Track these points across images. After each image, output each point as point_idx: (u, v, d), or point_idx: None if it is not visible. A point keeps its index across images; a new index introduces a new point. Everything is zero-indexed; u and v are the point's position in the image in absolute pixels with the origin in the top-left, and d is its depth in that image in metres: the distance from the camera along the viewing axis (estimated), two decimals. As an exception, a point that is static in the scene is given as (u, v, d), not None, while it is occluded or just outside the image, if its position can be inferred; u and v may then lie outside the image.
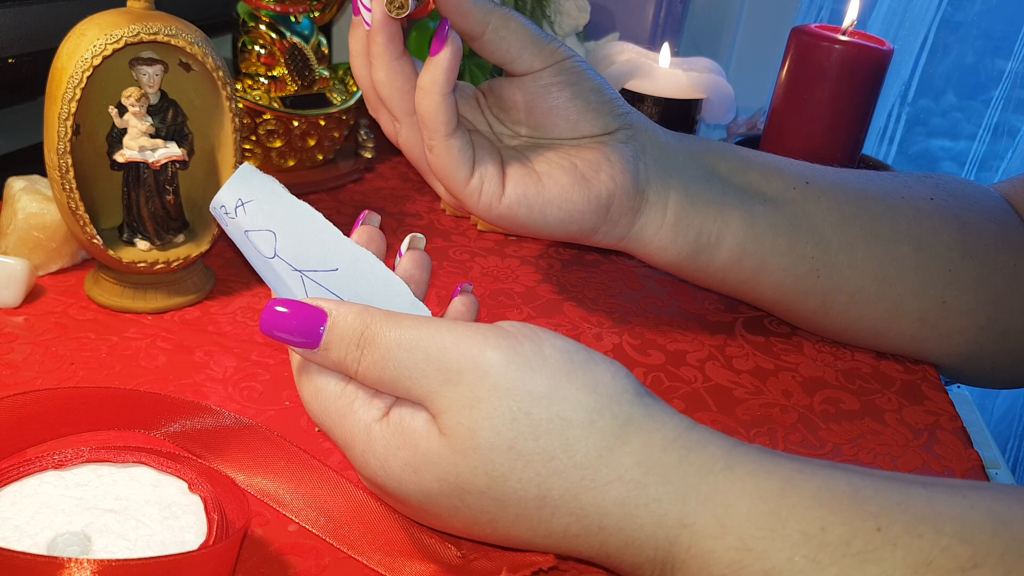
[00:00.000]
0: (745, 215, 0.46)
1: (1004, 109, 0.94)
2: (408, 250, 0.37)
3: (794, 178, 0.48)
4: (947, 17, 0.93)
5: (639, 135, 0.46)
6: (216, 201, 0.34)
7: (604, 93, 0.45)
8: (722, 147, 0.49)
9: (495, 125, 0.46)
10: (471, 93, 0.47)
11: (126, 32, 0.43)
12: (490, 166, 0.42)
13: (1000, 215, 0.51)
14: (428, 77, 0.40)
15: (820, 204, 0.48)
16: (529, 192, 0.43)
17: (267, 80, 0.64)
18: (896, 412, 0.47)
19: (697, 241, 0.46)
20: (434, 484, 0.30)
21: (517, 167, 0.43)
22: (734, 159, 0.48)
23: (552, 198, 0.43)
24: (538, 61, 0.43)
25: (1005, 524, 0.28)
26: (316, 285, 0.34)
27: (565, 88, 0.44)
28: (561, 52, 0.44)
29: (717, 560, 0.29)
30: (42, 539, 0.30)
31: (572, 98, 0.44)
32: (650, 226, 0.45)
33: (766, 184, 0.48)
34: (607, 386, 0.31)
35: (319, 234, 0.34)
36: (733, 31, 0.96)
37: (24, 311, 0.47)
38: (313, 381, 0.33)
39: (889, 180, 0.51)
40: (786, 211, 0.47)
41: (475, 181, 0.42)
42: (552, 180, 0.43)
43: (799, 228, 0.47)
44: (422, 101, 0.40)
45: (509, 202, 0.43)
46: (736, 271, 0.47)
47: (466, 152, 0.42)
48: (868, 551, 0.27)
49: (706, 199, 0.46)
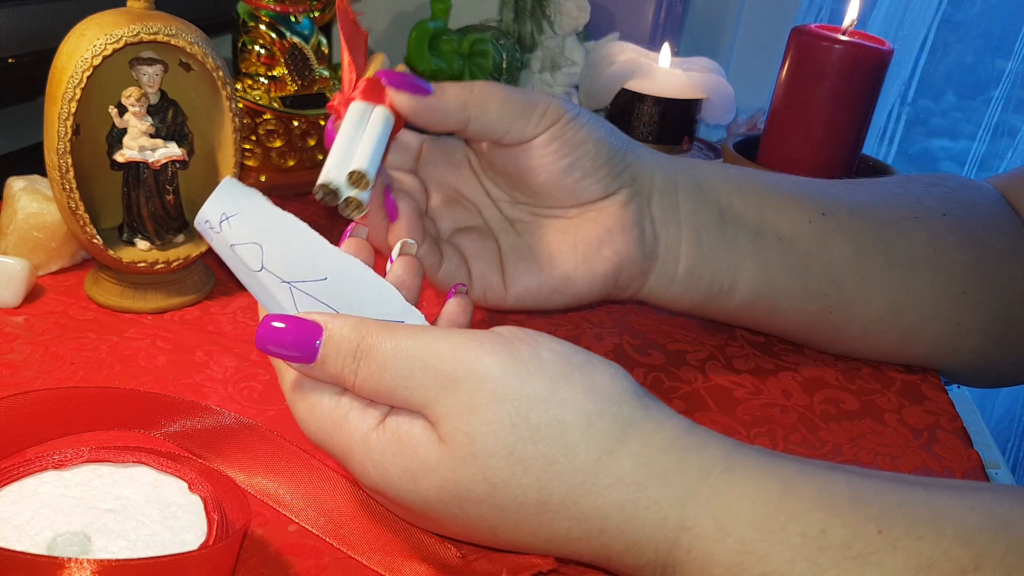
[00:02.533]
0: (758, 261, 0.45)
1: (1004, 109, 0.94)
2: (399, 256, 0.37)
3: (810, 210, 0.46)
4: (947, 17, 0.93)
5: (643, 187, 0.43)
6: (200, 216, 0.34)
7: (602, 155, 0.42)
8: (738, 178, 0.47)
9: (492, 190, 0.45)
10: (463, 157, 0.45)
11: (126, 32, 0.43)
12: (488, 276, 0.43)
13: (1007, 224, 0.50)
14: (398, 239, 0.39)
15: (836, 238, 0.46)
16: (531, 286, 0.43)
17: (267, 80, 0.64)
18: (896, 412, 0.47)
19: (710, 290, 0.45)
20: (432, 491, 0.30)
21: (516, 262, 0.43)
22: (750, 193, 0.46)
23: (556, 287, 0.43)
24: (528, 130, 0.41)
25: (1006, 526, 0.28)
26: (305, 296, 0.34)
27: (559, 158, 0.41)
28: (552, 112, 0.41)
29: (717, 563, 0.29)
30: (42, 539, 0.30)
31: (568, 169, 0.42)
32: (661, 283, 0.45)
33: (782, 219, 0.46)
34: (605, 388, 0.30)
35: (306, 245, 0.34)
36: (733, 31, 0.96)
37: (24, 311, 0.47)
38: (307, 399, 0.32)
39: (901, 195, 0.50)
40: (801, 248, 0.46)
41: (476, 292, 0.43)
42: (554, 269, 0.43)
43: (813, 266, 0.46)
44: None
45: (514, 300, 0.43)
46: (750, 312, 0.47)
47: (458, 276, 0.43)
48: (869, 553, 0.27)
49: (718, 248, 0.44)
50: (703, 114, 0.74)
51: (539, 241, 0.44)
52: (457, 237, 0.44)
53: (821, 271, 0.46)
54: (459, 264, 0.43)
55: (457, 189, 0.45)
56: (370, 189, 0.37)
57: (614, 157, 0.42)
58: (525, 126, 0.41)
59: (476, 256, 0.43)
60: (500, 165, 0.43)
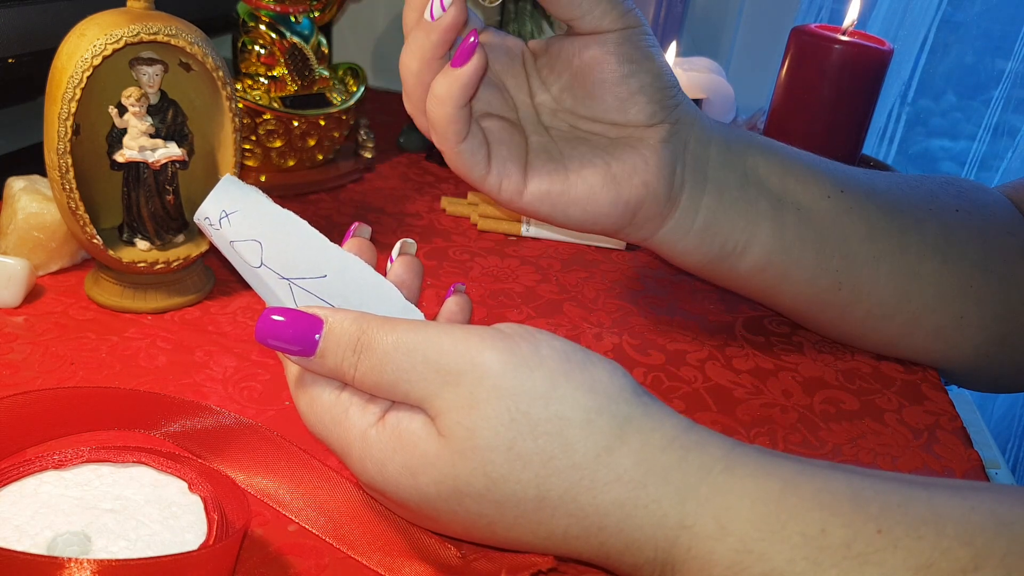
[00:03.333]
0: (775, 226, 0.45)
1: (1004, 109, 0.94)
2: (399, 255, 0.37)
3: (830, 185, 0.47)
4: (947, 17, 0.93)
5: (683, 130, 0.43)
6: (200, 213, 0.34)
7: (662, 79, 0.42)
8: (766, 145, 0.47)
9: (538, 93, 0.44)
10: (518, 52, 0.44)
11: (126, 32, 0.43)
12: (509, 164, 0.41)
13: (1017, 227, 0.51)
14: (444, 88, 0.38)
15: (852, 215, 0.47)
16: (554, 190, 0.42)
17: (267, 80, 0.64)
18: (896, 412, 0.47)
19: (723, 249, 0.45)
20: (431, 487, 0.30)
21: (544, 161, 0.42)
22: (775, 161, 0.46)
23: (578, 197, 0.42)
24: (607, 20, 0.40)
25: (1006, 526, 0.28)
26: (305, 292, 0.34)
27: (624, 63, 0.41)
28: (633, 17, 0.41)
29: (717, 562, 0.29)
30: (42, 539, 0.30)
31: (627, 76, 0.41)
32: (677, 231, 0.44)
33: (802, 191, 0.46)
34: (605, 385, 0.31)
35: (305, 242, 0.34)
36: (733, 31, 0.96)
37: (24, 311, 0.47)
38: (308, 392, 0.32)
39: (916, 188, 0.50)
40: (817, 221, 0.46)
41: (493, 179, 0.41)
42: (581, 179, 0.42)
43: (827, 240, 0.46)
44: (434, 109, 0.39)
45: (531, 198, 0.42)
46: (759, 279, 0.47)
47: (478, 154, 0.41)
48: (869, 553, 0.27)
49: (738, 207, 0.45)
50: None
51: (573, 148, 0.43)
52: (485, 120, 0.42)
53: (834, 245, 0.46)
54: (481, 143, 0.41)
55: (502, 80, 0.44)
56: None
57: (670, 88, 0.42)
58: (606, 14, 0.40)
59: (500, 142, 0.42)
60: (563, 57, 0.42)
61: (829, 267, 0.47)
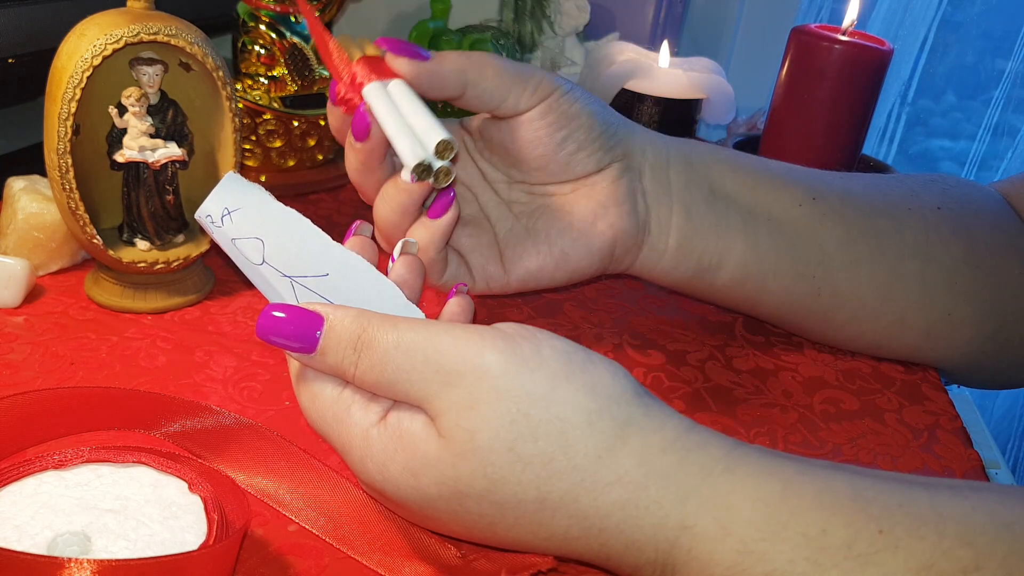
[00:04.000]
0: (748, 238, 0.46)
1: (1004, 109, 0.94)
2: (401, 255, 0.37)
3: (801, 194, 0.47)
4: (947, 17, 0.93)
5: (635, 161, 0.44)
6: (202, 210, 0.34)
7: (596, 126, 0.43)
8: (730, 159, 0.47)
9: (487, 171, 0.46)
10: (456, 133, 0.46)
11: (126, 32, 0.43)
12: (488, 268, 0.44)
13: (1005, 222, 0.51)
14: (425, 238, 0.40)
15: (826, 222, 0.47)
16: (531, 268, 0.44)
17: (267, 80, 0.64)
18: (896, 412, 0.47)
19: (699, 265, 0.46)
20: (432, 488, 0.30)
21: (516, 247, 0.44)
22: (743, 173, 0.47)
23: (556, 264, 0.44)
24: (523, 100, 0.41)
25: (1007, 526, 0.28)
26: (307, 290, 0.34)
27: (554, 132, 0.42)
28: (546, 85, 0.42)
29: (718, 562, 0.29)
30: (42, 539, 0.30)
31: (562, 142, 0.42)
32: (652, 256, 0.45)
33: (772, 200, 0.46)
34: (606, 387, 0.30)
35: (308, 240, 0.34)
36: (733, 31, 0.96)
37: (24, 311, 0.47)
38: (310, 387, 0.32)
39: (896, 188, 0.50)
40: (790, 230, 0.46)
41: (479, 286, 0.44)
42: (553, 249, 0.44)
43: (802, 248, 0.46)
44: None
45: (517, 283, 0.45)
46: (738, 292, 0.47)
47: (459, 277, 0.43)
48: (870, 553, 0.27)
49: (708, 224, 0.45)
50: (703, 114, 0.74)
51: (536, 221, 0.44)
52: (454, 234, 0.44)
53: (810, 253, 0.47)
54: (458, 263, 0.44)
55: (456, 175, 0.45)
56: (456, 151, 0.38)
57: (607, 131, 0.43)
58: (520, 96, 0.41)
59: (473, 250, 0.44)
60: (497, 141, 0.44)
61: (807, 274, 0.47)
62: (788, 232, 0.46)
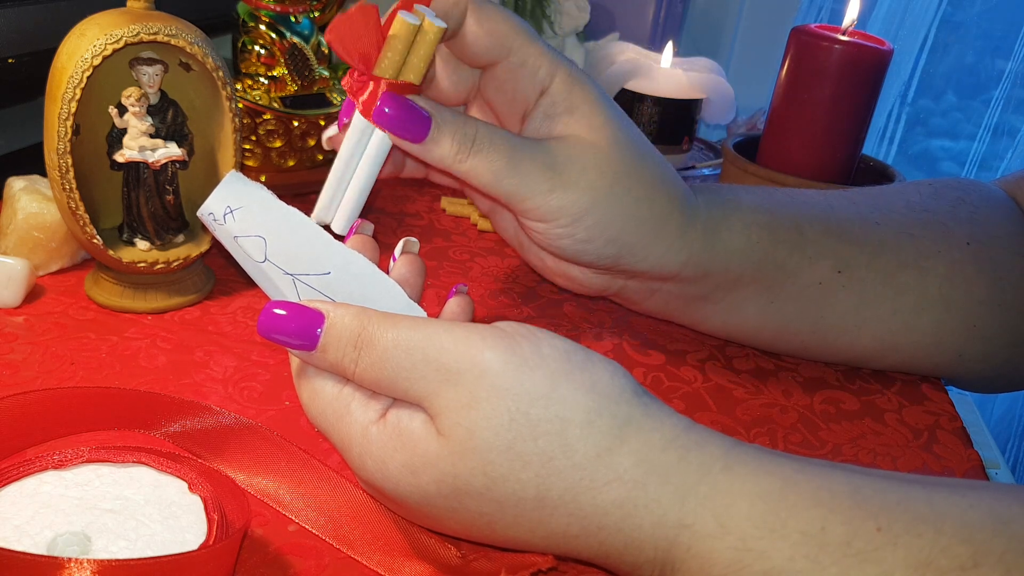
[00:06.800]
0: (759, 300, 0.46)
1: (1004, 109, 0.94)
2: (402, 254, 0.37)
3: (826, 268, 0.45)
4: (947, 17, 0.93)
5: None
6: (204, 208, 0.34)
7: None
8: (767, 217, 0.45)
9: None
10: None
11: (126, 32, 0.43)
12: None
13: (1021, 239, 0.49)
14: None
15: (840, 295, 0.45)
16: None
17: (267, 80, 0.64)
18: (896, 412, 0.47)
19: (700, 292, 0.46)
20: (432, 486, 0.30)
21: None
22: (767, 232, 0.45)
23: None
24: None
25: (1005, 524, 0.28)
26: (309, 288, 0.34)
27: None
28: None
29: (717, 560, 0.29)
30: (42, 539, 0.30)
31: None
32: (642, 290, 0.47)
33: (795, 271, 0.45)
34: (605, 386, 0.31)
35: (310, 239, 0.34)
36: (733, 31, 0.96)
37: (24, 311, 0.47)
38: (311, 383, 0.33)
39: (929, 223, 0.47)
40: (803, 297, 0.46)
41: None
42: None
43: (809, 313, 0.46)
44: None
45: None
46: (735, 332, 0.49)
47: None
48: (868, 551, 0.27)
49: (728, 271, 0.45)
50: (703, 114, 0.74)
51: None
52: None
53: (816, 318, 0.47)
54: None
55: None
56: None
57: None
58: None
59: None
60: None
61: (808, 331, 0.47)
62: (800, 299, 0.46)
